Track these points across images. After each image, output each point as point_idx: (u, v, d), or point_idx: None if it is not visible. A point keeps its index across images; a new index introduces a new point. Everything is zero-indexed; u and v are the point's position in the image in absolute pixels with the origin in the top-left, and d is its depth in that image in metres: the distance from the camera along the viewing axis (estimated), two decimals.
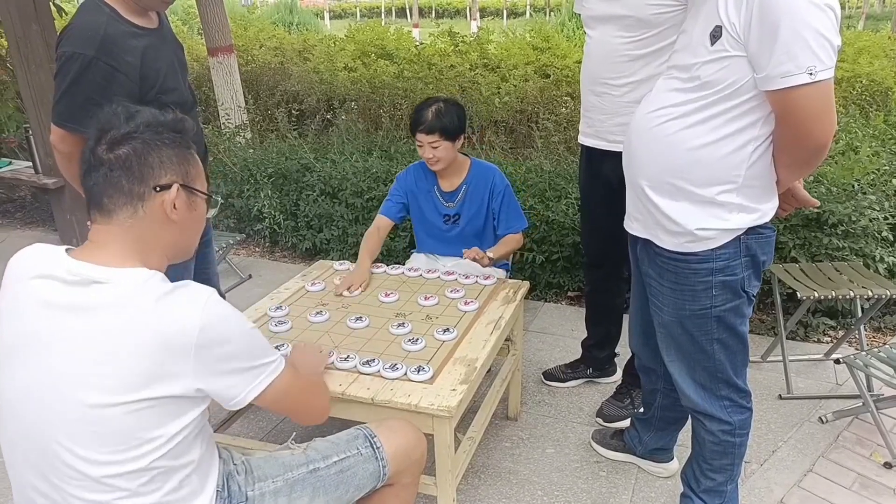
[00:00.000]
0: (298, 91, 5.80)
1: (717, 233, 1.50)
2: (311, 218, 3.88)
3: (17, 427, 1.07)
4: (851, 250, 2.91)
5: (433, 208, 2.47)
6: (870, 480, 2.09)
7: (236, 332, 1.08)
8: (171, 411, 1.05)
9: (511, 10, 25.40)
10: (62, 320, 1.03)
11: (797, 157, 1.45)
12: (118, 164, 1.06)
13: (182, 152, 1.12)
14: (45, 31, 3.65)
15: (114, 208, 1.07)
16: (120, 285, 1.03)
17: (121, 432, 1.02)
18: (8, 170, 4.43)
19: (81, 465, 1.03)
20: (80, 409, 1.01)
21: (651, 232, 1.61)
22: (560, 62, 6.12)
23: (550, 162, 3.87)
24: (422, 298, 2.10)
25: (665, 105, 1.52)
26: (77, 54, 1.64)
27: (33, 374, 1.04)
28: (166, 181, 1.09)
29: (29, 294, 1.06)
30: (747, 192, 1.47)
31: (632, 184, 1.65)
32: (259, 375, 1.13)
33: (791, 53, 1.28)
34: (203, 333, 1.02)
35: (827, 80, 1.31)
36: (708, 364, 1.65)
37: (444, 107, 2.30)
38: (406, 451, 1.43)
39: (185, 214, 1.13)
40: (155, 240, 1.11)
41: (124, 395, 1.00)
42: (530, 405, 2.54)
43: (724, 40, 1.37)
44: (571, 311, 3.29)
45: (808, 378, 2.67)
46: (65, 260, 1.07)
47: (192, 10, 10.68)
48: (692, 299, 1.59)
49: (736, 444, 1.72)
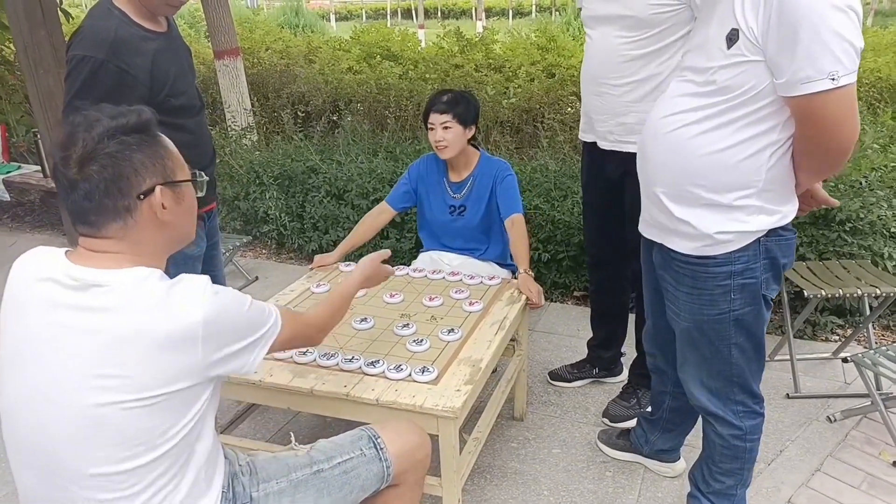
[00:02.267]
0: (304, 93, 5.82)
1: (737, 235, 1.46)
2: (317, 219, 3.89)
3: (21, 430, 1.08)
4: (859, 247, 2.89)
5: (440, 199, 2.49)
6: (879, 480, 2.08)
7: (236, 317, 1.11)
8: (184, 400, 1.06)
9: (517, 9, 25.36)
10: (64, 324, 1.03)
11: (819, 162, 1.40)
12: (95, 186, 1.03)
13: (153, 151, 1.09)
14: (52, 36, 3.68)
15: (103, 225, 1.07)
16: (119, 287, 1.03)
17: (123, 433, 1.02)
18: (17, 174, 4.47)
19: (83, 464, 1.03)
20: (83, 410, 1.02)
21: (667, 237, 1.58)
22: (566, 62, 6.11)
23: (556, 162, 3.86)
24: (426, 299, 2.10)
25: (680, 110, 1.48)
26: (88, 57, 1.65)
27: (37, 377, 1.05)
28: (147, 186, 1.07)
29: (32, 297, 1.07)
30: (767, 195, 1.44)
31: (646, 190, 1.62)
32: (259, 344, 1.17)
33: (812, 58, 1.23)
34: (207, 326, 1.04)
35: (850, 85, 1.26)
36: (724, 369, 1.62)
37: (458, 95, 2.37)
38: (410, 451, 1.43)
39: (175, 210, 1.12)
40: (150, 242, 1.11)
41: (131, 394, 1.01)
42: (536, 405, 2.53)
43: (741, 44, 1.33)
44: (577, 311, 3.29)
45: (816, 377, 2.65)
46: (64, 263, 1.07)
47: (199, 13, 10.72)
48: (710, 304, 1.55)
49: (746, 450, 1.70)
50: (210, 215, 2.05)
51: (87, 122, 1.04)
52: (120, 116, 1.06)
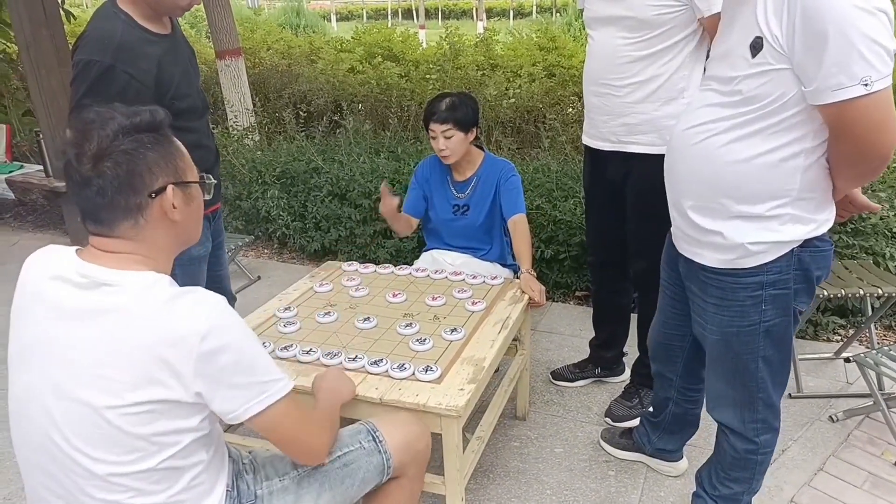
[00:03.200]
0: (306, 93, 5.83)
1: (770, 246, 1.40)
2: (320, 219, 3.90)
3: (28, 427, 1.08)
4: (861, 248, 2.89)
5: (444, 198, 2.50)
6: (881, 479, 2.08)
7: (239, 345, 1.06)
8: (175, 414, 1.04)
9: (517, 10, 25.38)
10: (72, 323, 1.04)
11: (858, 170, 1.33)
12: (107, 181, 1.03)
13: (166, 150, 1.10)
14: (55, 36, 3.69)
15: (114, 222, 1.07)
16: (128, 289, 1.04)
17: (126, 434, 1.03)
18: (19, 173, 4.47)
19: (90, 463, 1.04)
20: (87, 411, 1.02)
21: (696, 251, 1.53)
22: (566, 62, 6.12)
23: (557, 162, 3.87)
24: (429, 299, 2.11)
25: (706, 120, 1.42)
26: (94, 62, 1.66)
27: (44, 374, 1.05)
28: (160, 185, 1.08)
29: (43, 295, 1.08)
30: (802, 204, 1.37)
31: (675, 203, 1.57)
32: (260, 395, 1.09)
33: (842, 64, 1.17)
34: (205, 342, 1.01)
35: (885, 90, 1.19)
36: (750, 383, 1.57)
37: (457, 99, 2.35)
38: (409, 442, 1.44)
39: (184, 210, 1.13)
40: (161, 242, 1.12)
41: (127, 397, 1.01)
42: (539, 405, 2.54)
43: (765, 52, 1.27)
44: (579, 311, 3.29)
45: (819, 377, 2.66)
46: (75, 262, 1.08)
47: (200, 13, 10.72)
48: (740, 315, 1.49)
49: (758, 462, 1.68)
50: (215, 216, 2.06)
51: (102, 119, 1.04)
52: (134, 115, 1.06)
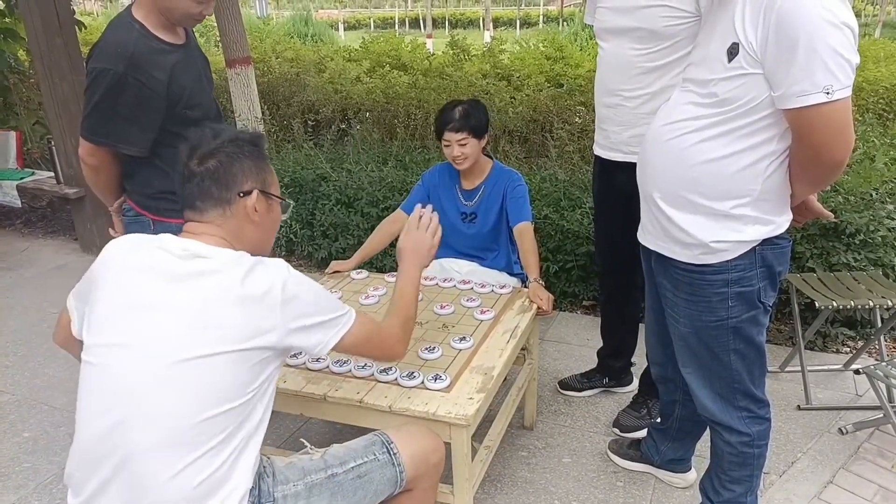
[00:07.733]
0: (314, 102, 5.86)
1: (732, 244, 1.50)
2: (327, 227, 3.91)
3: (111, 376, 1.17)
4: (869, 260, 2.88)
5: (453, 206, 2.52)
6: (891, 493, 2.07)
7: (311, 291, 1.27)
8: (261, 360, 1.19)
9: (524, 20, 25.50)
10: (170, 287, 1.18)
11: (814, 174, 1.45)
12: (208, 175, 1.26)
13: (259, 163, 1.32)
14: (68, 44, 3.73)
15: (205, 210, 1.28)
16: (218, 258, 1.22)
17: (215, 379, 1.14)
18: (30, 180, 4.51)
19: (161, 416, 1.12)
20: (176, 363, 1.13)
21: (664, 245, 1.61)
22: (573, 71, 6.14)
23: (565, 171, 3.87)
24: (438, 307, 2.11)
25: (681, 118, 1.52)
26: (107, 70, 1.68)
27: (141, 330, 1.17)
28: (248, 188, 1.29)
29: (146, 261, 1.22)
30: (762, 205, 1.48)
31: (645, 196, 1.66)
32: (334, 327, 1.30)
33: (808, 72, 1.27)
34: (286, 289, 1.20)
35: (844, 99, 1.30)
36: (725, 375, 1.65)
37: (469, 106, 2.37)
38: (423, 455, 1.44)
39: (264, 216, 1.33)
40: (241, 235, 1.31)
41: (230, 346, 1.14)
42: (546, 414, 2.53)
43: (740, 57, 1.37)
44: (587, 321, 3.29)
45: (828, 389, 2.65)
46: (175, 239, 1.26)
47: (210, 22, 10.81)
48: (708, 311, 1.58)
49: (755, 456, 1.71)
50: None
51: (214, 132, 1.31)
52: (241, 131, 1.34)
